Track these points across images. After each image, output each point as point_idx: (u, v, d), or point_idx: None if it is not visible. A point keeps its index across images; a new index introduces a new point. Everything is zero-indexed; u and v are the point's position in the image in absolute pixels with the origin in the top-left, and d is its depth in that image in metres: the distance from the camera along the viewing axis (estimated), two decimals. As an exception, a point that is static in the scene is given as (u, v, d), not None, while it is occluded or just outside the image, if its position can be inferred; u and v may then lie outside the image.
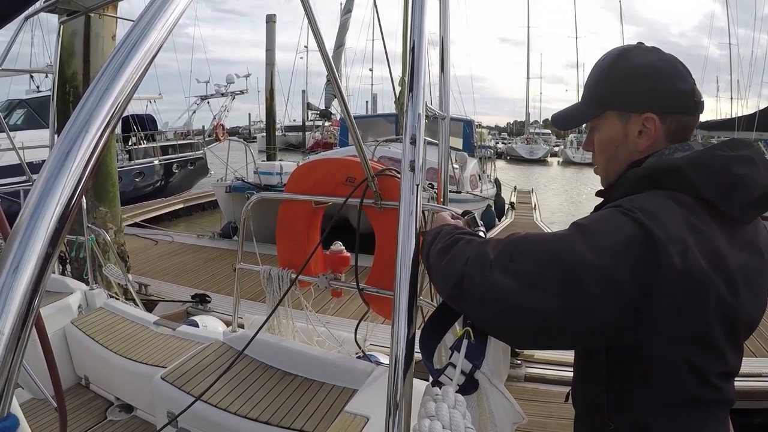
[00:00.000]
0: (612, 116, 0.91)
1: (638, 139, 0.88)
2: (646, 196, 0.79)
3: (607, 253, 0.70)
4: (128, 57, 0.48)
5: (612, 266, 0.69)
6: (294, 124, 30.84)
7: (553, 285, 0.71)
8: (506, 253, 0.77)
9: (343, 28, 15.69)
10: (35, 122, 9.98)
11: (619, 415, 0.80)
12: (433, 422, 0.63)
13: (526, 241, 0.78)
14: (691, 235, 0.72)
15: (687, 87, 0.86)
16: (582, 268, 0.71)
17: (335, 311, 4.31)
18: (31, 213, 0.42)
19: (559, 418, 2.89)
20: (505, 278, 0.74)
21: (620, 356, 0.78)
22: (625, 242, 0.71)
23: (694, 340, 0.74)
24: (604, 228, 0.74)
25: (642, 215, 0.72)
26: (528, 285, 0.72)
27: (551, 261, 0.73)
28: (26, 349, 0.41)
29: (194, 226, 10.52)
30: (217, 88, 20.54)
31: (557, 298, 0.71)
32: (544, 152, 42.02)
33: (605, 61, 0.93)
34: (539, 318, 0.72)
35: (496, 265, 0.76)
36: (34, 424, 2.05)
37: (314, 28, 1.32)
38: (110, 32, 4.60)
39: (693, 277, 0.70)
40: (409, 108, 0.87)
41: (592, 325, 0.72)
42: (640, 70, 0.87)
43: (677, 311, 0.71)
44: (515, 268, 0.74)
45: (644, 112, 0.86)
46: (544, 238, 0.78)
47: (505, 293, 0.73)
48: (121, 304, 2.91)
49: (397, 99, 9.58)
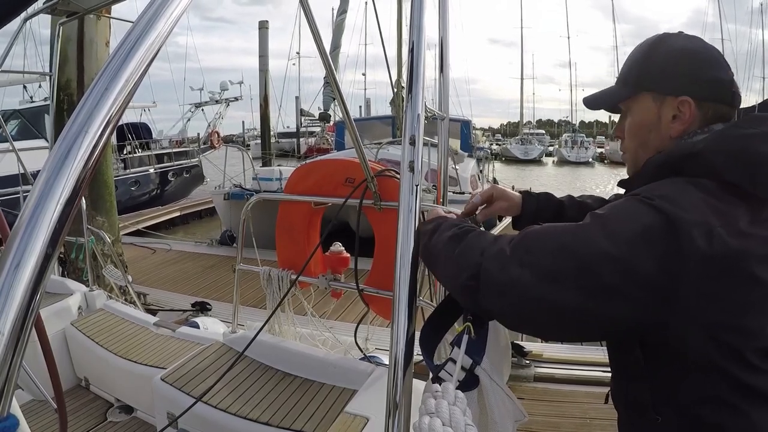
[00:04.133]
0: (646, 98, 0.88)
1: (671, 124, 0.85)
2: (664, 183, 0.77)
3: (625, 242, 0.69)
4: (128, 57, 0.48)
5: (631, 256, 0.68)
6: (287, 130, 30.83)
7: (570, 277, 0.70)
8: (523, 246, 0.75)
9: (339, 29, 15.65)
10: (29, 133, 9.88)
11: (665, 408, 0.78)
12: (432, 419, 0.62)
13: (542, 233, 0.77)
14: (714, 216, 0.69)
15: (727, 77, 0.84)
16: (599, 258, 0.69)
17: (338, 315, 4.30)
18: (30, 213, 0.42)
19: (572, 417, 2.88)
20: (523, 271, 0.72)
21: (655, 349, 0.76)
22: (644, 230, 0.69)
23: (729, 324, 0.71)
24: (622, 216, 0.72)
25: (661, 201, 0.70)
26: (545, 277, 0.71)
27: (568, 252, 0.71)
28: (26, 351, 0.41)
29: (192, 234, 10.49)
30: (211, 95, 20.57)
31: (575, 290, 0.69)
32: (539, 152, 42.13)
33: (644, 45, 0.90)
34: (558, 311, 0.71)
35: (513, 257, 0.74)
36: (34, 426, 2.05)
37: (314, 29, 1.32)
38: (104, 38, 4.57)
39: (720, 260, 0.67)
40: (408, 109, 0.87)
41: (612, 316, 0.70)
42: (681, 53, 0.85)
43: (707, 296, 0.68)
44: (532, 261, 0.73)
45: (680, 95, 0.83)
46: (561, 229, 0.76)
47: (523, 286, 0.72)
48: (121, 306, 2.90)
49: (393, 100, 9.57)
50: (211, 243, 7.91)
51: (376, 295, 1.88)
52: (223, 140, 18.88)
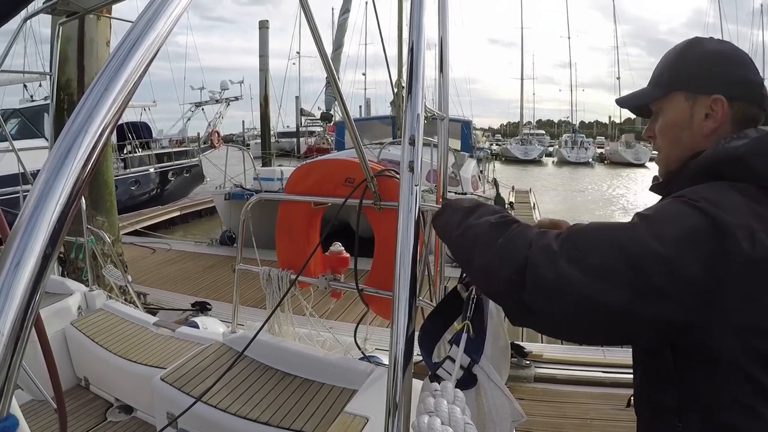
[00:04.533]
0: (679, 97, 0.90)
1: (704, 122, 0.87)
2: (706, 186, 0.77)
3: (673, 243, 0.69)
4: (128, 57, 0.48)
5: (678, 256, 0.68)
6: (287, 130, 30.82)
7: (620, 275, 0.69)
8: (571, 243, 0.74)
9: (342, 29, 15.63)
10: (29, 132, 9.88)
11: (689, 414, 0.78)
12: (432, 418, 0.62)
13: (590, 231, 0.76)
14: (755, 220, 0.70)
15: (757, 79, 0.86)
16: (648, 258, 0.69)
17: (338, 315, 4.30)
18: (30, 213, 0.42)
19: (573, 418, 2.88)
20: (571, 268, 0.70)
21: (686, 352, 0.75)
22: (690, 232, 0.69)
23: (760, 328, 0.71)
24: (669, 218, 0.73)
25: (706, 204, 0.71)
26: (595, 276, 0.69)
27: (618, 250, 0.70)
28: (26, 351, 0.41)
29: (191, 234, 10.49)
30: (211, 94, 20.57)
31: (624, 288, 0.68)
32: (539, 152, 42.13)
33: (677, 47, 0.93)
34: (606, 311, 0.70)
35: (562, 254, 0.72)
36: (34, 426, 2.05)
37: (314, 29, 1.32)
38: (104, 38, 4.57)
39: (760, 263, 0.68)
40: (407, 109, 0.87)
41: (657, 317, 0.70)
42: (714, 54, 0.88)
43: (746, 299, 0.69)
44: (580, 258, 0.71)
45: (713, 93, 0.85)
46: (609, 227, 0.75)
47: (572, 284, 0.70)
48: (121, 305, 2.90)
49: (394, 101, 9.57)
50: (211, 243, 7.91)
51: (376, 295, 1.88)
52: (223, 140, 18.91)
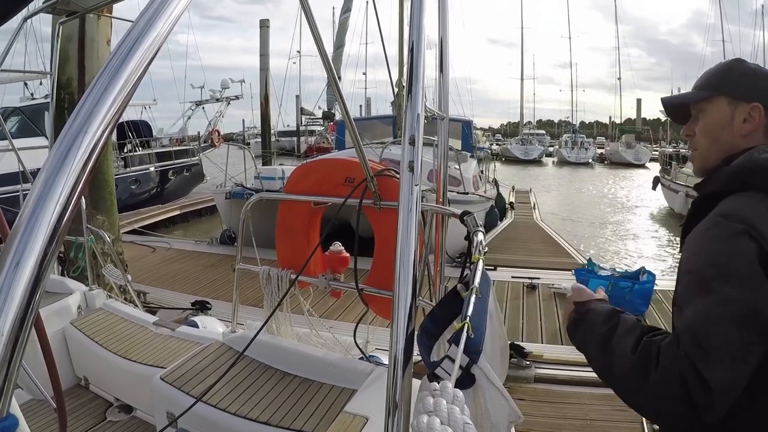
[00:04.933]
0: (722, 101, 1.02)
1: (743, 125, 0.99)
2: (739, 202, 0.86)
3: (750, 282, 0.78)
4: (128, 56, 0.48)
5: (756, 296, 0.78)
6: (288, 129, 30.82)
7: (757, 338, 0.77)
8: (695, 342, 0.79)
9: (343, 28, 15.64)
10: (30, 130, 9.84)
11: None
12: (431, 418, 0.62)
13: (701, 323, 0.80)
14: None
15: None
16: (756, 310, 0.77)
17: (338, 315, 4.30)
18: (30, 212, 0.42)
19: (573, 418, 2.88)
20: (714, 368, 0.76)
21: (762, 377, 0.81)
22: (751, 263, 0.79)
23: None
24: (729, 258, 0.81)
25: (748, 227, 0.81)
26: (734, 360, 0.77)
27: (728, 326, 0.77)
28: (26, 350, 0.41)
29: (191, 233, 10.47)
30: (212, 93, 20.58)
31: (761, 344, 0.77)
32: (539, 153, 42.05)
33: (723, 63, 1.09)
34: (761, 371, 0.78)
35: (702, 353, 0.77)
36: (34, 425, 2.05)
37: (314, 29, 1.32)
38: (105, 37, 4.56)
39: None
40: (408, 108, 0.87)
41: None
42: (754, 70, 1.03)
43: None
44: (710, 351, 0.77)
45: (752, 101, 0.98)
46: (707, 311, 0.80)
47: (724, 384, 0.76)
48: (121, 305, 2.90)
49: (394, 101, 9.56)
50: (211, 242, 7.89)
51: (376, 294, 1.88)
52: (224, 138, 18.92)
